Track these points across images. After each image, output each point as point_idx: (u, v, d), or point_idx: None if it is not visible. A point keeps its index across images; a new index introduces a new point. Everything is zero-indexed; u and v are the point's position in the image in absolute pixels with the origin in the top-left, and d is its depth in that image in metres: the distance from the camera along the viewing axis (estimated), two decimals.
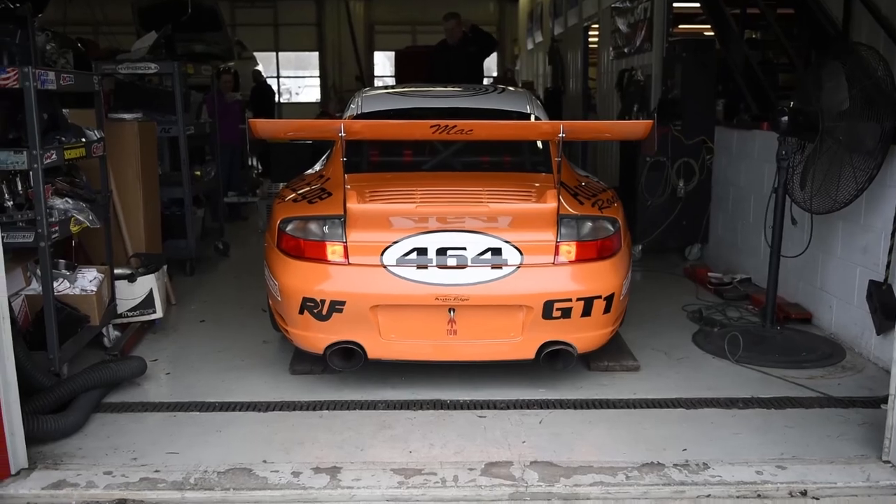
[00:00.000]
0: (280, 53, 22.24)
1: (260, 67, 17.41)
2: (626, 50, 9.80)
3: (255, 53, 17.52)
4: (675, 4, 8.37)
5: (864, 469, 3.38)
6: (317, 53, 22.29)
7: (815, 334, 5.15)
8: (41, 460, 3.43)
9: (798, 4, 6.98)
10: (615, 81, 9.73)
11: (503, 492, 3.24)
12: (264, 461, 3.46)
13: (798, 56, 6.52)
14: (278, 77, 22.32)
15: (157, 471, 3.37)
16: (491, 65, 19.31)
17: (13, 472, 3.29)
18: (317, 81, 22.71)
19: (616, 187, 7.23)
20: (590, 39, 12.34)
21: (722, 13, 7.36)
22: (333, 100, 18.87)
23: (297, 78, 23.64)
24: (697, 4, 7.96)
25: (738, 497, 3.22)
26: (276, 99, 18.29)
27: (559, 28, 14.54)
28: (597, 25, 11.64)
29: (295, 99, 23.34)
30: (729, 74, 7.12)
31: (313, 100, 22.26)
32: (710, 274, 6.40)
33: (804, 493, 3.22)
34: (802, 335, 5.10)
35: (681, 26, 9.30)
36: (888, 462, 3.40)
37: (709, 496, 3.23)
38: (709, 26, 7.80)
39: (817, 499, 3.20)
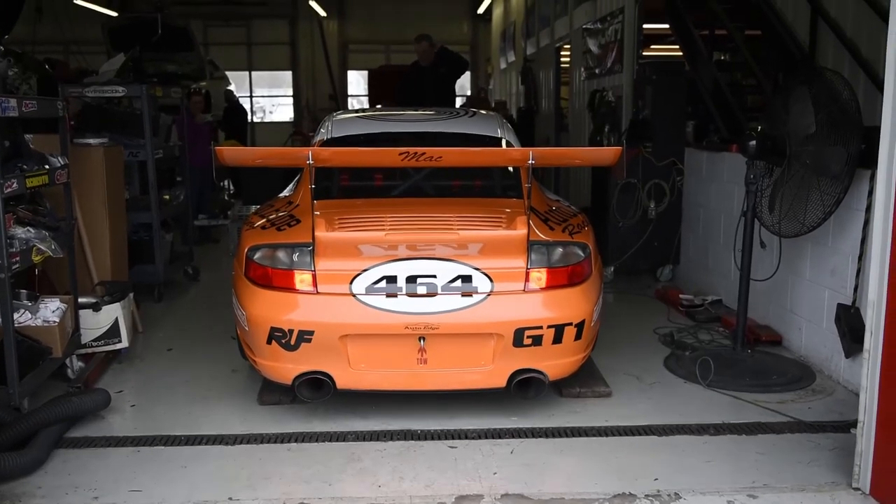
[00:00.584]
0: (253, 72, 22.13)
1: (232, 87, 17.35)
2: (597, 71, 9.85)
3: (228, 72, 17.45)
4: (645, 26, 8.39)
5: (834, 497, 3.37)
6: (290, 72, 22.23)
7: (786, 357, 5.15)
8: (1, 500, 3.33)
9: (765, 27, 7.03)
10: (587, 101, 9.74)
11: None
12: (230, 498, 3.38)
13: (766, 78, 6.55)
14: (251, 96, 22.22)
15: None
16: (465, 83, 19.35)
17: None
18: (290, 100, 22.62)
19: (587, 209, 7.27)
20: (562, 60, 12.39)
21: (690, 35, 7.41)
22: (307, 119, 18.85)
23: (270, 97, 23.55)
24: (667, 25, 7.99)
25: None
26: (249, 118, 18.22)
27: (532, 48, 14.60)
28: (568, 46, 11.69)
29: (268, 118, 23.22)
30: (698, 96, 7.16)
31: (286, 119, 22.17)
32: (681, 296, 6.39)
33: None
34: (773, 358, 5.09)
35: (652, 47, 9.36)
36: (858, 489, 3.39)
37: None
38: (678, 48, 7.84)
39: None
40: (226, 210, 9.87)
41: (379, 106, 12.24)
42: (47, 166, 4.38)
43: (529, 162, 4.01)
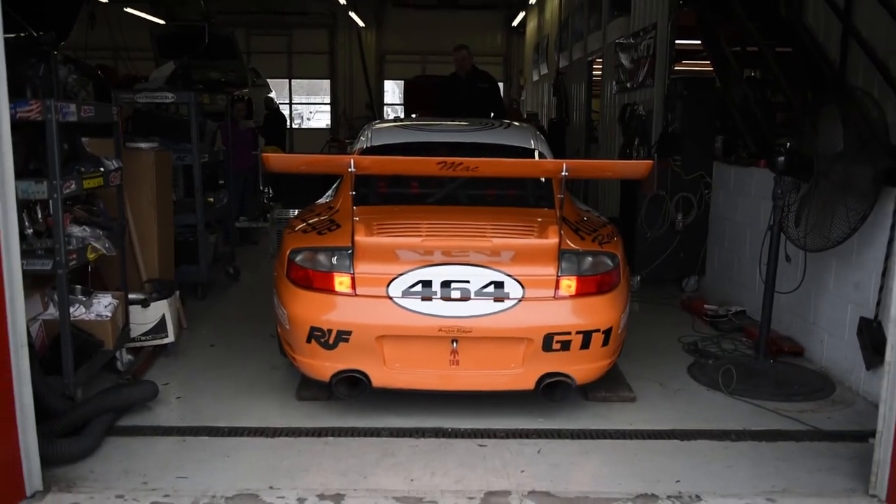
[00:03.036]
0: (293, 80, 22.42)
1: (273, 94, 17.59)
2: (628, 85, 9.91)
3: (269, 80, 17.70)
4: (677, 42, 8.45)
5: (851, 503, 3.41)
6: (328, 81, 22.49)
7: (807, 368, 5.19)
8: (55, 483, 3.47)
9: (796, 44, 7.05)
10: (617, 115, 9.80)
11: None
12: (270, 487, 3.50)
13: (795, 95, 6.57)
14: (290, 103, 22.51)
15: (166, 495, 3.41)
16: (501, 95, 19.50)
17: (28, 494, 3.34)
18: (328, 108, 22.88)
19: (616, 219, 7.33)
20: (594, 73, 12.46)
21: (722, 51, 7.43)
22: (344, 126, 19.09)
23: (308, 104, 23.83)
24: (699, 42, 8.03)
25: None
26: (288, 125, 18.46)
27: (564, 61, 14.69)
28: (601, 60, 11.76)
29: (306, 125, 23.51)
30: (728, 112, 7.20)
31: (324, 126, 22.44)
32: (706, 306, 6.43)
33: None
34: (794, 369, 5.13)
35: (683, 62, 9.40)
36: (874, 496, 3.43)
37: None
38: (709, 64, 7.88)
39: None
40: (265, 213, 10.05)
41: (414, 116, 12.36)
42: (102, 169, 4.56)
43: (563, 174, 4.10)
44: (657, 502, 3.42)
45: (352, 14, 19.05)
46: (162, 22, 16.96)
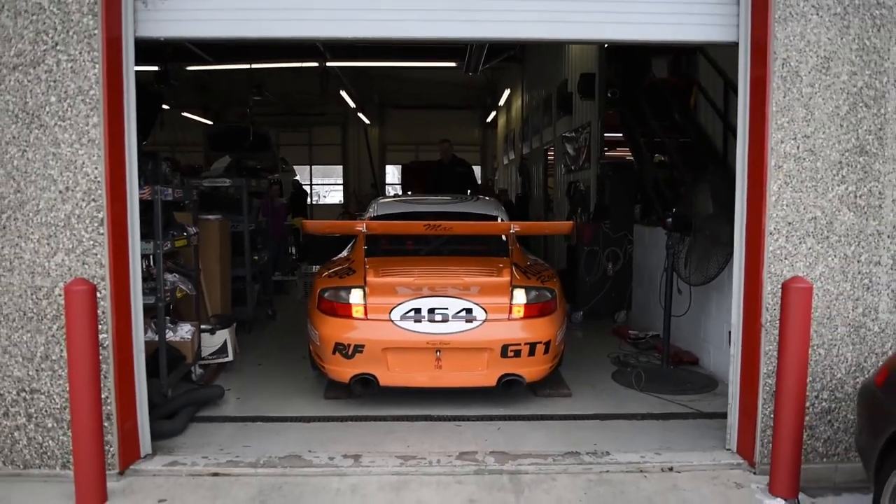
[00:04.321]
0: (313, 166, 23.25)
1: (297, 177, 18.35)
2: (572, 167, 10.52)
3: (294, 166, 18.46)
4: (605, 135, 9.17)
5: (713, 455, 4.07)
6: (341, 166, 23.32)
7: (699, 372, 5.87)
8: (159, 449, 4.11)
9: (693, 136, 7.85)
10: (566, 190, 10.51)
11: (470, 469, 3.93)
12: (309, 451, 4.14)
13: (689, 174, 7.34)
14: (311, 184, 23.26)
15: (237, 456, 4.05)
16: (476, 174, 20.23)
17: (142, 455, 3.98)
18: (340, 187, 23.68)
19: (563, 269, 8.04)
20: (548, 158, 13.20)
21: (638, 142, 8.23)
22: (353, 201, 19.80)
23: (325, 184, 24.63)
24: (621, 135, 8.80)
25: (626, 472, 3.90)
26: (309, 201, 19.20)
27: (527, 149, 15.36)
28: (553, 149, 12.51)
29: (323, 201, 24.23)
30: (643, 187, 7.98)
31: (337, 201, 23.18)
32: (630, 331, 7.11)
33: (671, 469, 3.91)
34: (690, 373, 5.82)
35: (610, 151, 10.12)
36: (729, 449, 4.10)
37: (608, 471, 3.91)
38: (629, 151, 8.66)
39: (679, 472, 3.89)
40: (294, 269, 10.69)
41: (409, 192, 13.09)
42: (185, 233, 5.28)
43: (511, 230, 4.86)
44: (579, 456, 4.07)
45: (360, 114, 19.96)
46: (210, 122, 17.81)
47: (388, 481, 3.79)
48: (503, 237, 5.60)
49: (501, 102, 19.09)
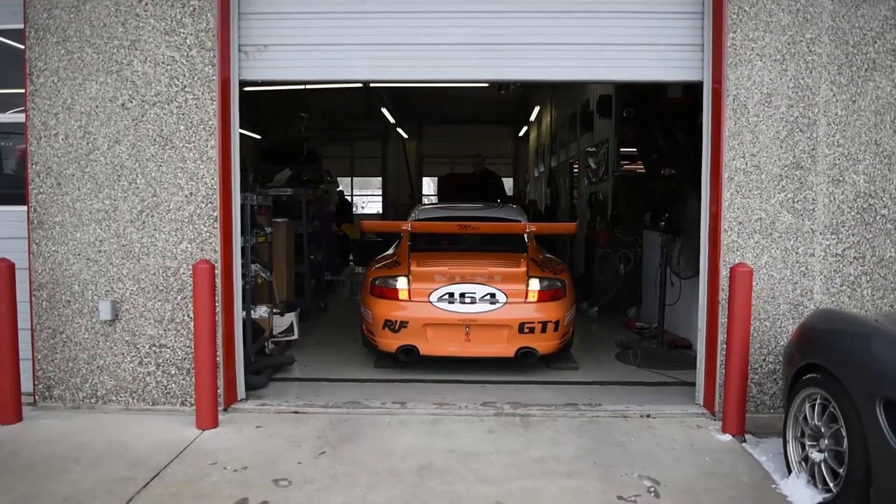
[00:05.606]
0: (354, 178, 24.52)
1: (341, 188, 19.62)
2: (594, 179, 11.53)
3: (338, 178, 19.69)
4: (621, 150, 10.17)
5: (683, 407, 5.13)
6: (381, 178, 24.55)
7: (690, 353, 6.85)
8: (250, 396, 5.33)
9: (693, 152, 8.81)
10: (588, 200, 11.56)
11: (490, 412, 5.05)
12: (366, 399, 5.31)
13: (687, 185, 8.32)
14: (353, 195, 24.51)
15: (311, 401, 5.25)
16: (509, 186, 21.23)
17: (239, 398, 5.20)
18: (380, 198, 24.93)
19: (581, 273, 9.05)
20: (574, 171, 14.19)
21: (649, 158, 9.27)
22: (392, 211, 20.97)
23: (365, 195, 25.94)
24: (635, 150, 9.81)
25: (612, 417, 4.98)
26: (352, 210, 20.45)
27: (555, 162, 16.38)
28: (578, 162, 13.52)
29: (363, 211, 25.50)
30: (652, 197, 8.99)
31: (376, 211, 24.41)
32: (636, 323, 8.16)
33: (648, 416, 4.98)
34: (681, 353, 6.84)
35: (627, 164, 11.09)
36: (697, 403, 5.16)
37: (598, 416, 5.00)
38: (642, 165, 9.67)
39: (654, 418, 4.96)
40: (341, 270, 11.92)
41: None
42: (264, 232, 6.53)
43: (527, 230, 6.00)
44: (576, 407, 5.16)
45: (399, 129, 21.17)
46: (258, 137, 19.16)
47: (427, 419, 4.94)
48: (524, 237, 6.73)
49: (532, 118, 20.04)
